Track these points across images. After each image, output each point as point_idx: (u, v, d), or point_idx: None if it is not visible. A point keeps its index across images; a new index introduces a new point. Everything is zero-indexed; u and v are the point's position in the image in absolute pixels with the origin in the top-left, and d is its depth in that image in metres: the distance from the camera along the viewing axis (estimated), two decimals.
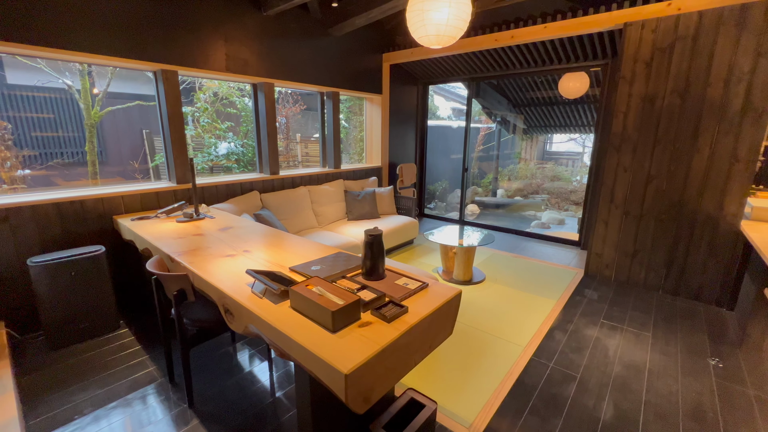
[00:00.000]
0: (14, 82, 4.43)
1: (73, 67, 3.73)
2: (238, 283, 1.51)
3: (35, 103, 4.54)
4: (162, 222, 2.48)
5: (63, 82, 3.77)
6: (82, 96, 3.67)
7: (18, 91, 4.46)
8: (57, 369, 2.10)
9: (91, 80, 4.12)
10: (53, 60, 3.20)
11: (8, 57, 4.17)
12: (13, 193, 2.66)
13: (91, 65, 3.85)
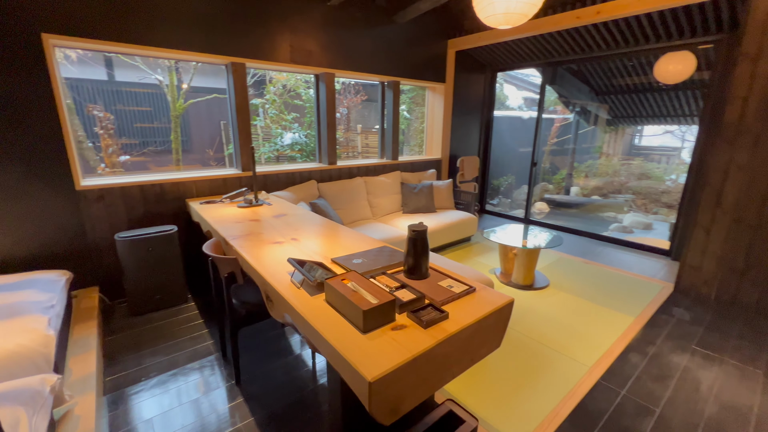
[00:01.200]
0: (121, 79, 5.10)
1: (163, 64, 4.16)
2: (280, 270, 1.51)
3: (136, 98, 5.19)
4: (225, 206, 2.64)
5: (155, 78, 4.22)
6: (169, 90, 4.08)
7: (123, 87, 5.12)
8: (133, 333, 2.36)
9: (179, 76, 4.56)
10: (145, 57, 3.56)
11: (116, 58, 4.80)
12: (112, 175, 3.05)
13: (178, 61, 4.25)
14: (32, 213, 2.32)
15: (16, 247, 2.30)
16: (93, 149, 3.96)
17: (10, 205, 2.25)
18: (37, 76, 2.22)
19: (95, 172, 3.71)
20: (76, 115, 3.88)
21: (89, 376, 1.75)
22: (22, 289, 1.87)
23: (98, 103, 4.88)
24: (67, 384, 1.68)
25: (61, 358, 1.79)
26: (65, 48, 2.45)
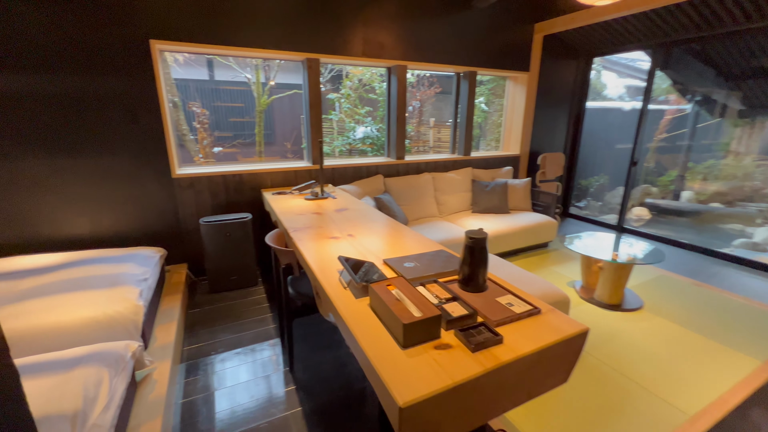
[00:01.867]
0: (219, 78, 5.69)
1: (251, 63, 4.51)
2: (330, 267, 1.49)
3: (230, 95, 5.75)
4: (293, 198, 2.75)
5: (245, 76, 4.60)
6: (255, 87, 4.42)
7: (221, 86, 5.71)
8: (210, 309, 2.61)
9: (265, 73, 4.91)
10: (236, 57, 3.86)
11: (215, 60, 5.35)
12: (201, 165, 3.41)
13: (266, 60, 4.56)
14: (137, 196, 2.69)
15: (123, 224, 2.70)
16: (194, 141, 4.49)
17: (121, 188, 2.63)
18: (146, 78, 2.53)
19: (193, 161, 4.20)
20: (181, 111, 4.43)
21: (169, 344, 1.96)
22: (124, 262, 2.17)
23: (198, 101, 5.53)
24: (150, 350, 1.90)
25: (150, 325, 2.04)
26: (169, 51, 2.77)
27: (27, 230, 2.43)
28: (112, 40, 2.39)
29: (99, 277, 1.96)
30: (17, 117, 2.27)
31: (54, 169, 2.42)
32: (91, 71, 2.38)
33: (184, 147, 4.61)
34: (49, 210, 2.46)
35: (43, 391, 1.17)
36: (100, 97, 2.44)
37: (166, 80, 4.31)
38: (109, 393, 1.27)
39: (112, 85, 2.45)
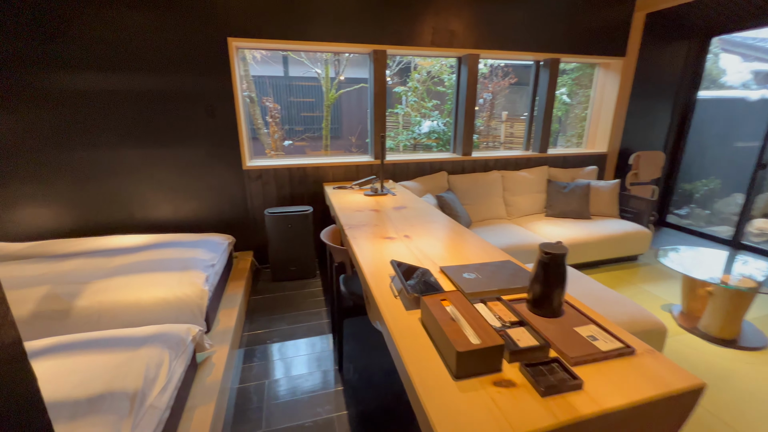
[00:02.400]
0: (292, 74, 5.94)
1: (322, 58, 4.60)
2: (382, 271, 1.39)
3: (302, 90, 5.98)
4: (353, 193, 2.71)
5: (315, 71, 4.71)
6: (323, 81, 4.49)
7: (294, 81, 5.96)
8: (271, 297, 2.70)
9: (335, 68, 4.98)
10: (308, 52, 3.94)
11: (289, 56, 5.58)
12: (268, 158, 3.55)
13: (338, 54, 4.62)
14: (212, 185, 2.88)
15: (199, 211, 2.91)
16: (267, 135, 4.74)
17: (199, 177, 2.84)
18: (223, 75, 2.68)
19: (265, 154, 4.44)
20: (257, 106, 4.70)
21: (230, 329, 2.05)
22: (195, 248, 2.32)
23: (272, 96, 5.83)
24: (213, 333, 2.00)
25: (214, 309, 2.16)
26: (244, 48, 2.89)
27: (123, 212, 2.75)
28: (195, 40, 2.56)
29: (173, 260, 2.12)
30: (118, 112, 2.55)
31: (145, 159, 2.69)
32: (176, 70, 2.58)
33: (259, 140, 4.90)
34: (141, 195, 2.75)
35: (111, 367, 1.26)
36: (183, 94, 2.64)
37: (246, 77, 4.60)
38: (167, 375, 1.33)
39: (193, 83, 2.64)
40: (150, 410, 1.18)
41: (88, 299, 1.78)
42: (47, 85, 2.40)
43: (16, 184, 2.50)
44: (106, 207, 2.71)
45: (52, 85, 2.40)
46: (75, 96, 2.46)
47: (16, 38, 2.27)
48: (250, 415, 1.66)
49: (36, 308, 1.72)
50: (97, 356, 1.32)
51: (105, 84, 2.49)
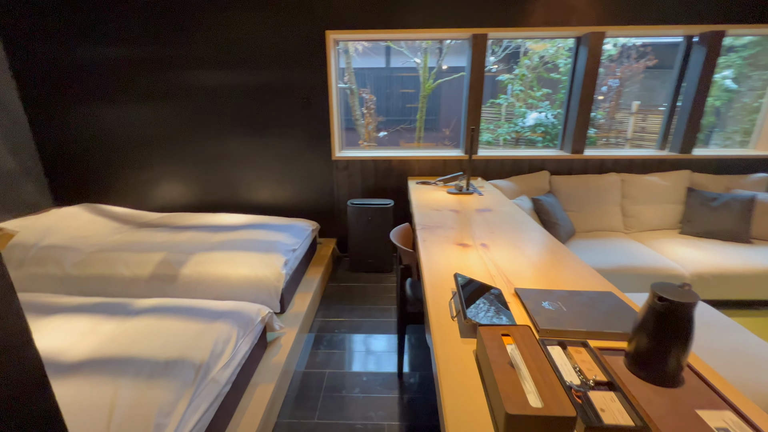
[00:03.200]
0: (394, 66, 5.94)
1: (421, 47, 4.46)
2: (445, 283, 1.23)
3: (402, 81, 5.95)
4: (436, 190, 2.56)
5: (414, 61, 4.60)
6: (421, 71, 4.36)
7: (395, 73, 5.97)
8: (346, 287, 2.75)
9: (436, 57, 4.79)
10: (407, 41, 3.85)
11: (391, 47, 5.58)
12: (360, 149, 3.61)
13: (442, 42, 4.43)
14: (304, 173, 3.05)
15: (290, 197, 3.12)
16: (363, 126, 4.86)
17: (293, 166, 3.03)
18: (319, 67, 2.77)
19: (358, 145, 4.55)
20: (357, 98, 4.83)
21: (301, 313, 2.14)
22: (281, 231, 2.48)
23: (371, 88, 5.94)
24: (286, 315, 2.11)
25: (291, 291, 2.28)
26: (342, 40, 2.94)
27: (231, 193, 3.11)
28: (295, 36, 2.70)
29: (261, 241, 2.30)
30: (228, 105, 2.87)
31: (251, 147, 2.98)
32: (277, 65, 2.77)
33: (356, 131, 5.06)
34: (245, 179, 3.07)
35: (188, 336, 1.40)
36: (282, 87, 2.82)
37: (348, 69, 4.76)
38: (232, 351, 1.42)
39: (292, 76, 2.79)
40: (211, 383, 1.26)
41: (190, 268, 2.04)
42: (176, 83, 2.82)
43: (156, 166, 3.04)
44: (218, 187, 3.10)
45: (179, 82, 2.82)
46: (195, 91, 2.84)
47: (154, 44, 2.72)
48: (306, 402, 1.70)
49: (153, 270, 2.04)
50: (181, 323, 1.48)
51: (219, 80, 2.81)
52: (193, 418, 1.15)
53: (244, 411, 1.44)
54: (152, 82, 2.81)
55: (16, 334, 0.47)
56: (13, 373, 0.46)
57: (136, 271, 2.05)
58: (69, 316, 1.54)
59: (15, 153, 2.82)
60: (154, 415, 1.06)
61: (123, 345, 1.34)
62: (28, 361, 0.48)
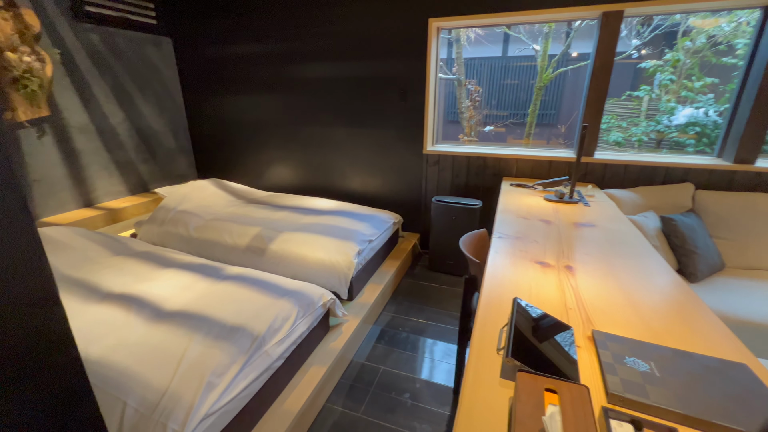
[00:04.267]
0: (511, 54, 5.45)
1: (538, 31, 3.94)
2: (503, 305, 1.06)
3: (518, 71, 5.42)
4: (531, 194, 2.25)
5: (532, 48, 4.11)
6: (539, 59, 3.86)
7: (512, 62, 5.47)
8: (420, 285, 2.67)
9: (564, 43, 4.20)
10: (510, 24, 3.47)
11: (509, 34, 5.10)
12: (465, 144, 3.42)
13: (570, 23, 3.86)
14: (395, 165, 3.04)
15: (379, 187, 3.15)
16: (466, 119, 4.61)
17: (385, 157, 3.04)
18: (419, 57, 2.69)
19: (458, 139, 4.33)
20: (464, 89, 4.60)
21: (368, 304, 2.15)
22: (362, 221, 2.53)
23: (488, 79, 5.55)
24: (352, 303, 2.15)
25: (362, 281, 2.31)
26: (446, 28, 2.79)
27: (327, 179, 3.32)
28: (398, 26, 2.66)
29: (341, 228, 2.38)
30: (333, 96, 3.03)
31: (348, 136, 3.11)
32: (379, 56, 2.78)
33: (459, 124, 4.84)
34: (341, 167, 3.23)
35: (255, 307, 1.53)
36: (382, 79, 2.83)
37: (458, 59, 4.55)
38: (288, 330, 1.50)
39: (391, 68, 2.78)
40: (263, 355, 1.36)
41: (277, 245, 2.25)
42: (292, 76, 3.09)
43: (271, 150, 3.43)
44: (318, 173, 3.34)
45: (295, 75, 3.08)
46: (307, 83, 3.07)
47: (279, 42, 3.01)
48: (355, 393, 1.70)
49: (248, 242, 2.31)
50: (254, 294, 1.63)
51: (326, 72, 2.98)
52: (242, 383, 1.25)
53: (294, 387, 1.52)
54: (274, 74, 3.15)
55: (44, 290, 0.54)
56: (39, 326, 0.54)
57: (236, 241, 2.35)
58: (178, 271, 1.85)
59: (175, 134, 3.54)
60: (209, 373, 1.19)
61: (206, 304, 1.55)
62: (54, 317, 0.56)
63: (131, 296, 1.60)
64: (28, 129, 2.43)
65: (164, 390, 1.12)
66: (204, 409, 1.11)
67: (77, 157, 2.74)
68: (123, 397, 1.11)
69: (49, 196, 2.61)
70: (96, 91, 2.81)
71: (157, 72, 3.27)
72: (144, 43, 3.11)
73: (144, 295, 1.61)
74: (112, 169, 3.00)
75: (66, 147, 2.67)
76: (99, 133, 2.87)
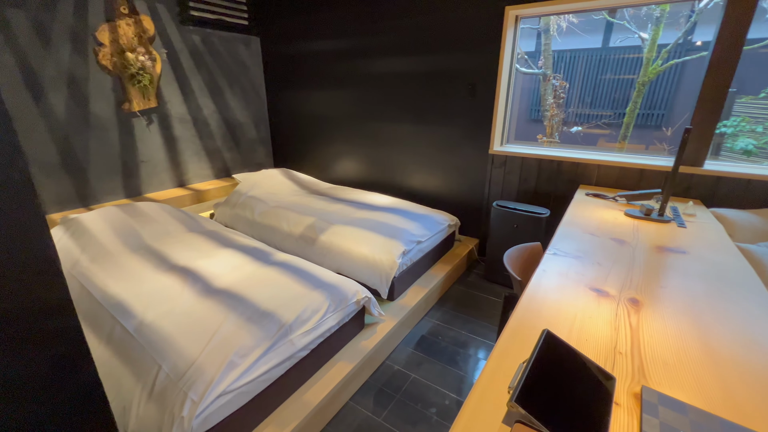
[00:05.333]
0: (613, 44, 4.75)
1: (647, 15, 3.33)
2: (534, 335, 0.90)
3: (620, 64, 4.71)
4: (609, 207, 1.92)
5: (638, 36, 3.51)
6: (647, 49, 3.28)
7: (612, 54, 4.78)
8: (471, 294, 2.50)
9: (679, 29, 3.52)
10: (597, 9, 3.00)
11: (613, 22, 4.45)
12: (546, 145, 3.09)
13: (692, 5, 3.23)
14: (457, 165, 2.88)
15: (439, 187, 3.02)
16: (548, 118, 4.17)
17: (448, 156, 2.90)
18: (491, 50, 2.48)
19: (536, 139, 3.94)
20: (550, 85, 4.16)
21: (408, 307, 2.08)
22: (414, 220, 2.45)
23: (582, 73, 4.94)
24: (392, 304, 2.09)
25: (406, 282, 2.24)
26: (525, 16, 2.52)
27: (388, 175, 3.29)
28: (471, 16, 2.48)
29: (390, 226, 2.33)
30: (399, 91, 2.97)
31: (412, 133, 3.04)
32: (449, 50, 2.64)
33: (541, 123, 4.40)
34: (403, 163, 3.18)
35: (288, 295, 1.57)
36: (450, 73, 2.69)
37: (545, 51, 4.13)
38: (317, 322, 1.51)
39: (460, 61, 2.62)
40: (287, 344, 1.39)
41: (326, 237, 2.30)
42: (361, 70, 3.11)
43: (337, 143, 3.53)
44: (379, 168, 3.34)
45: (363, 70, 3.10)
46: (374, 78, 3.06)
47: (351, 37, 3.05)
48: (381, 397, 1.65)
49: (302, 231, 2.41)
50: (291, 282, 1.68)
51: (394, 67, 2.93)
52: (262, 368, 1.29)
53: (317, 380, 1.54)
54: (345, 70, 3.22)
55: (46, 261, 0.59)
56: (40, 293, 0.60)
57: (292, 229, 2.47)
58: (234, 251, 2.00)
59: (257, 125, 3.86)
60: (233, 352, 1.25)
61: (248, 286, 1.64)
62: (54, 285, 0.61)
63: (190, 270, 1.78)
64: (139, 118, 2.86)
65: (192, 361, 1.21)
66: (222, 386, 1.16)
67: (175, 143, 3.16)
68: (159, 361, 1.22)
69: (152, 176, 3.05)
70: (194, 86, 3.19)
71: (245, 68, 3.59)
72: (235, 43, 3.44)
73: (200, 271, 1.77)
74: (202, 155, 3.39)
75: (167, 134, 3.09)
76: (194, 123, 3.26)
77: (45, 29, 2.29)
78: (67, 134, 2.49)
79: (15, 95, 2.24)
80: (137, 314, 1.45)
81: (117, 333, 1.38)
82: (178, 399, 1.11)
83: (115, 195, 2.84)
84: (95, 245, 1.97)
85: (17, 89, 2.24)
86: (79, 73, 2.48)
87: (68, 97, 2.46)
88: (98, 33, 2.51)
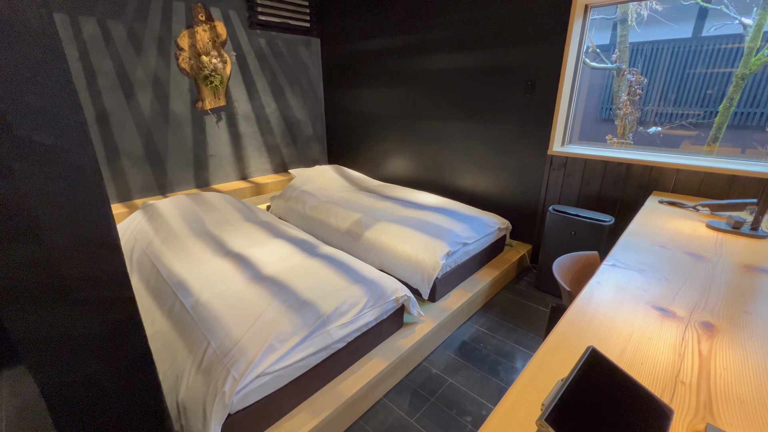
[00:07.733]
0: (707, 34, 4.16)
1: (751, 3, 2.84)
2: (578, 352, 0.82)
3: (714, 56, 4.11)
4: (687, 217, 1.69)
5: (739, 23, 3.03)
6: (750, 37, 2.81)
7: (705, 44, 4.19)
8: (518, 303, 2.36)
9: None
10: None
11: (710, 8, 3.89)
12: (616, 146, 2.82)
13: None
14: (512, 166, 2.74)
15: (490, 188, 2.89)
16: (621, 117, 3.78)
17: (502, 156, 2.77)
18: (555, 43, 2.31)
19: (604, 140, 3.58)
20: (625, 79, 3.76)
21: (449, 310, 2.02)
22: (461, 222, 2.37)
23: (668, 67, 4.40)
24: (433, 305, 2.05)
25: (449, 284, 2.18)
26: (597, 5, 2.31)
27: (438, 174, 3.23)
28: (532, 6, 2.33)
29: (435, 225, 2.29)
30: (451, 88, 2.89)
31: (464, 131, 2.94)
32: (507, 44, 2.50)
33: (612, 122, 4.01)
34: (453, 163, 3.10)
35: (330, 288, 1.61)
36: (507, 69, 2.55)
37: (621, 43, 3.74)
38: (354, 316, 1.53)
39: (519, 56, 2.47)
40: (324, 334, 1.42)
41: (371, 233, 2.32)
42: (413, 68, 3.08)
43: (388, 141, 3.54)
44: (429, 167, 3.29)
45: (416, 67, 3.06)
46: (426, 75, 3.01)
47: (405, 34, 3.03)
48: (415, 399, 1.63)
49: (348, 227, 2.46)
50: (334, 276, 1.73)
51: (447, 64, 2.86)
52: (299, 354, 1.34)
53: (352, 373, 1.56)
54: (398, 68, 3.22)
55: (107, 237, 0.67)
56: (102, 264, 0.67)
57: (339, 224, 2.53)
58: (284, 242, 2.11)
59: (313, 123, 4.02)
60: (272, 337, 1.31)
61: (293, 275, 1.71)
62: (113, 258, 0.69)
63: (243, 256, 1.90)
64: (210, 116, 3.13)
65: (237, 341, 1.30)
66: (261, 368, 1.23)
67: (240, 139, 3.41)
68: (209, 338, 1.33)
69: (219, 169, 3.33)
70: (258, 86, 3.41)
71: (305, 69, 3.75)
72: (297, 44, 3.61)
73: (252, 258, 1.89)
74: (263, 150, 3.62)
75: (234, 131, 3.34)
76: (257, 120, 3.49)
77: (137, 37, 2.60)
78: (150, 130, 2.81)
79: (112, 96, 2.57)
80: (194, 293, 1.58)
81: (177, 308, 1.52)
82: (222, 374, 1.19)
83: (187, 185, 3.14)
84: (166, 228, 2.20)
85: (115, 90, 2.58)
86: (162, 75, 2.78)
87: (152, 97, 2.77)
88: (179, 39, 2.79)
